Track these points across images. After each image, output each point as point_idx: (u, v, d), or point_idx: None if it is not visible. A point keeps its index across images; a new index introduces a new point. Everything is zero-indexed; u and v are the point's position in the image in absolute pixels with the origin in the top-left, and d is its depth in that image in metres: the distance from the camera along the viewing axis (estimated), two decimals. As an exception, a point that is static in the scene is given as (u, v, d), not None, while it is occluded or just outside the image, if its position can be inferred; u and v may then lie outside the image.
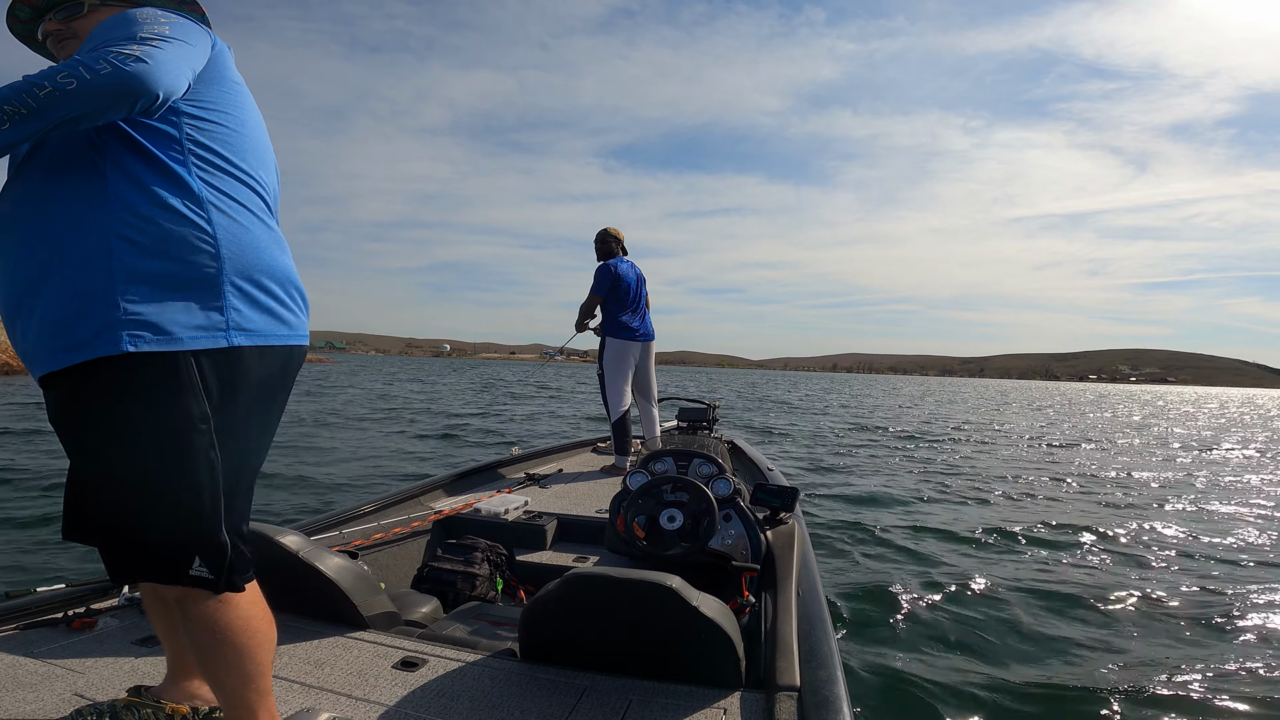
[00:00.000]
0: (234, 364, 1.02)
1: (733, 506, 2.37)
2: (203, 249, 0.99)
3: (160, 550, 0.99)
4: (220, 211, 1.03)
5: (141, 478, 0.97)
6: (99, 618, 1.73)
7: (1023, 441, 13.98)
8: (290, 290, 1.13)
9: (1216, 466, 10.81)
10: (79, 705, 1.29)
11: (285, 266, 1.13)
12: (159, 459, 0.96)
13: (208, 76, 1.08)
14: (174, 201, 0.99)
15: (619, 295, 4.47)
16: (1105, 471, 9.73)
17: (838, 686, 1.37)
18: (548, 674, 1.53)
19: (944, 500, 6.98)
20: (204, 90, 1.07)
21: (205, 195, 1.02)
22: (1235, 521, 6.36)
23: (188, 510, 0.99)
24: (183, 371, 0.97)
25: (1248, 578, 4.48)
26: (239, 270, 1.03)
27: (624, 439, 4.43)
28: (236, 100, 1.12)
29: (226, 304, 1.01)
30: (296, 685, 1.45)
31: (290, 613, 1.74)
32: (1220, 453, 13.11)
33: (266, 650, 1.12)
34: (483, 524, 2.91)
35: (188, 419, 0.97)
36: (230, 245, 1.02)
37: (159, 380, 0.95)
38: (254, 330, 1.05)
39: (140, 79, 0.91)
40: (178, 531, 0.99)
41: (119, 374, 0.94)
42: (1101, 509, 6.80)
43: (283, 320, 1.11)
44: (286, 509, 5.58)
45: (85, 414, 0.96)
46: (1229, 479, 9.33)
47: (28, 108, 0.85)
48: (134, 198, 0.97)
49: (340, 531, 2.53)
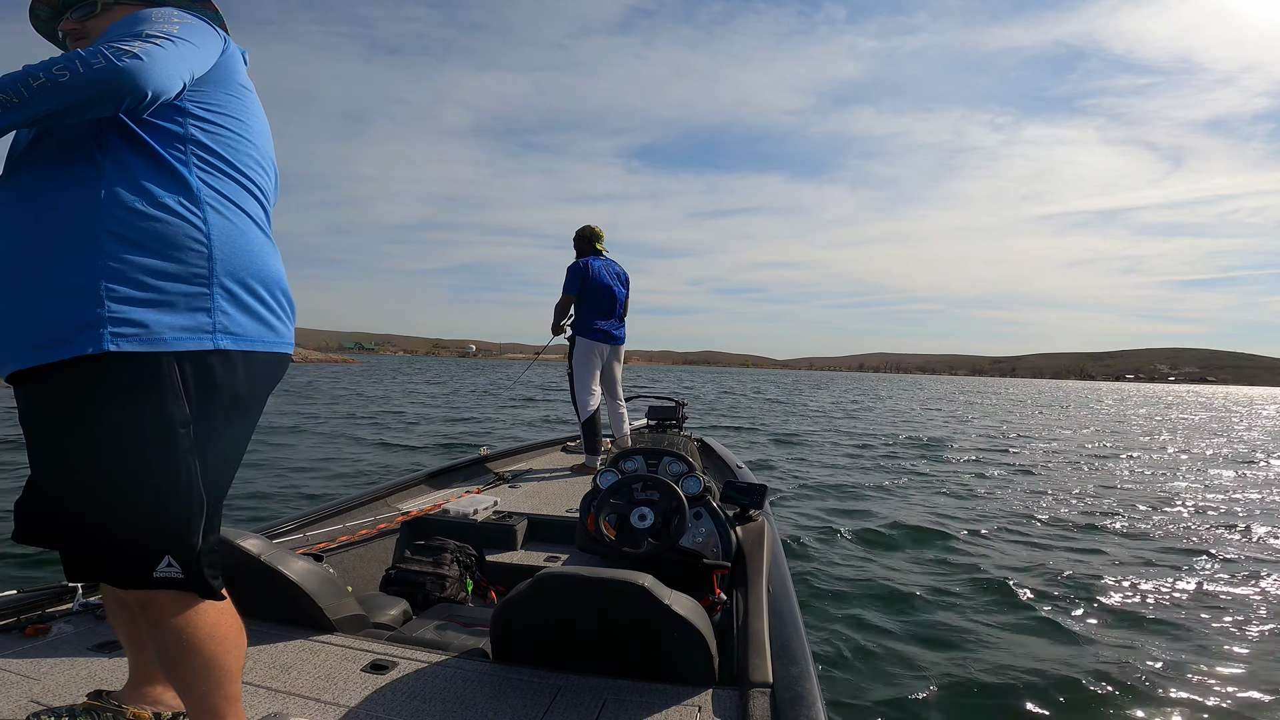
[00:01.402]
0: (217, 367, 1.00)
1: (703, 504, 2.39)
2: (194, 248, 0.98)
3: (128, 551, 0.97)
4: (216, 212, 1.02)
5: (118, 478, 0.95)
6: (53, 623, 1.67)
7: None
8: (280, 297, 1.12)
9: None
10: (35, 710, 1.25)
11: (278, 273, 1.12)
12: (136, 460, 0.95)
13: (216, 79, 1.07)
14: (169, 199, 0.98)
15: (590, 294, 4.45)
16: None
17: (810, 682, 1.40)
18: (521, 674, 1.52)
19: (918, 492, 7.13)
20: (212, 93, 1.07)
21: (203, 195, 1.01)
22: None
23: (163, 513, 0.98)
24: (164, 373, 0.95)
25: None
26: (230, 273, 1.02)
27: (594, 438, 4.43)
28: (244, 106, 1.12)
29: (215, 306, 1.00)
30: (263, 690, 1.43)
31: (254, 618, 1.71)
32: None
33: (235, 656, 1.10)
34: (452, 525, 2.88)
35: (167, 421, 0.96)
36: (223, 247, 1.01)
37: (140, 380, 0.94)
38: (240, 335, 1.03)
39: (131, 75, 0.90)
40: (150, 533, 0.98)
41: (99, 373, 0.92)
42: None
43: (270, 326, 1.10)
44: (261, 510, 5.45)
45: (61, 412, 0.93)
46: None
47: (20, 96, 0.85)
48: (128, 193, 0.95)
49: (304, 534, 2.48)
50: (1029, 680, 2.87)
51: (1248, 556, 5.03)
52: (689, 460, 2.78)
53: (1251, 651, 3.30)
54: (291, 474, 7.20)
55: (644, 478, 2.39)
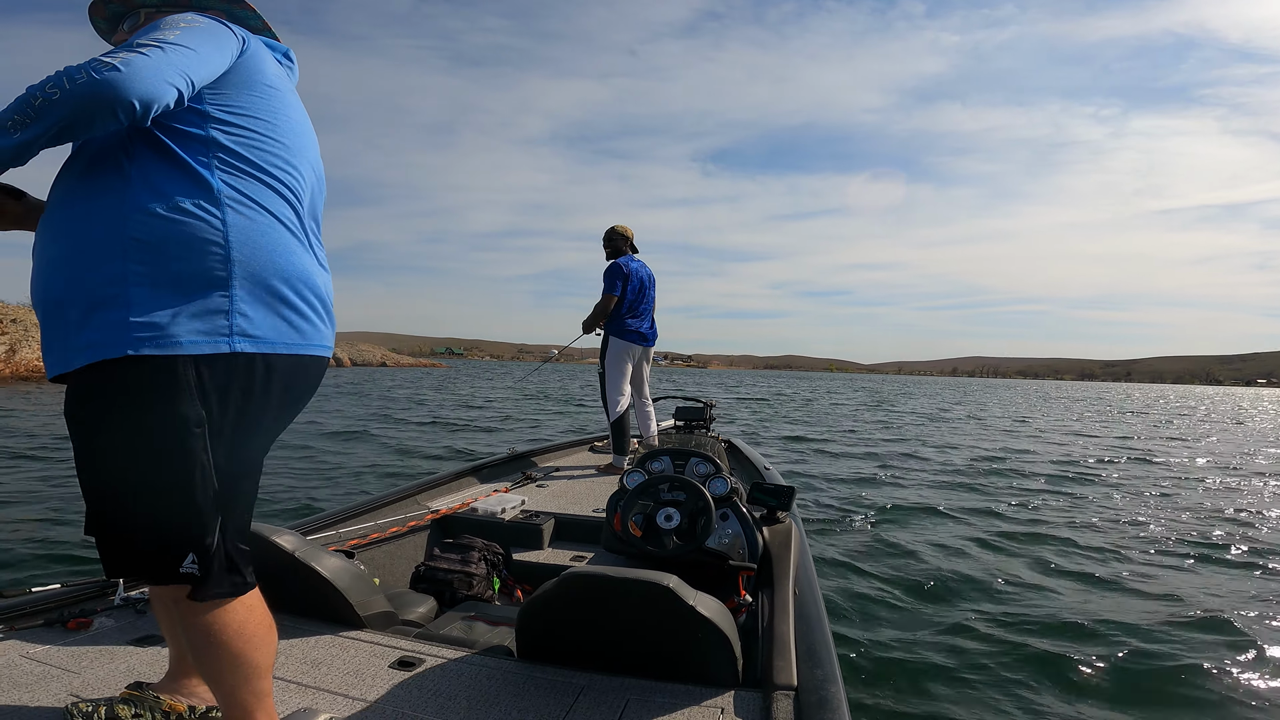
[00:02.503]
0: (236, 370, 1.01)
1: (730, 505, 2.37)
2: (213, 250, 0.99)
3: (150, 548, 1.00)
4: (237, 213, 1.02)
5: (135, 477, 0.98)
6: (95, 618, 1.72)
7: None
8: (310, 299, 1.12)
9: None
10: (74, 700, 1.29)
11: (307, 274, 1.11)
12: (152, 460, 0.97)
13: (239, 81, 1.07)
14: (187, 202, 0.99)
15: (625, 294, 4.45)
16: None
17: (835, 686, 1.38)
18: (545, 673, 1.53)
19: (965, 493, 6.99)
20: (235, 95, 1.07)
21: (224, 196, 1.01)
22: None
23: (178, 511, 1.00)
24: (180, 375, 0.97)
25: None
26: (251, 274, 1.02)
27: (622, 438, 4.43)
28: (270, 105, 1.11)
29: (233, 308, 1.00)
30: (293, 685, 1.45)
31: (286, 612, 1.74)
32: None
33: (264, 653, 1.12)
34: (480, 523, 2.91)
35: (182, 422, 0.98)
36: (243, 247, 1.01)
37: (156, 383, 0.96)
38: (260, 337, 1.03)
39: (110, 86, 0.90)
40: (168, 531, 1.00)
41: (120, 376, 0.95)
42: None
43: (296, 328, 1.09)
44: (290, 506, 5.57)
45: (89, 413, 0.97)
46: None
47: (28, 116, 0.88)
48: (150, 199, 0.98)
49: (337, 531, 2.52)
50: (1065, 688, 2.79)
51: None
52: (716, 461, 2.76)
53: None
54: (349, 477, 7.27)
55: (671, 478, 2.38)
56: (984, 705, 2.68)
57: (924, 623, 3.53)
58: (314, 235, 1.18)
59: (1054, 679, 2.91)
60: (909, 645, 3.21)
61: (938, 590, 4.04)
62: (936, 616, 3.63)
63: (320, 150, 1.25)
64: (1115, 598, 4.02)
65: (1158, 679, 2.94)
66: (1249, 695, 2.81)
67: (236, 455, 1.06)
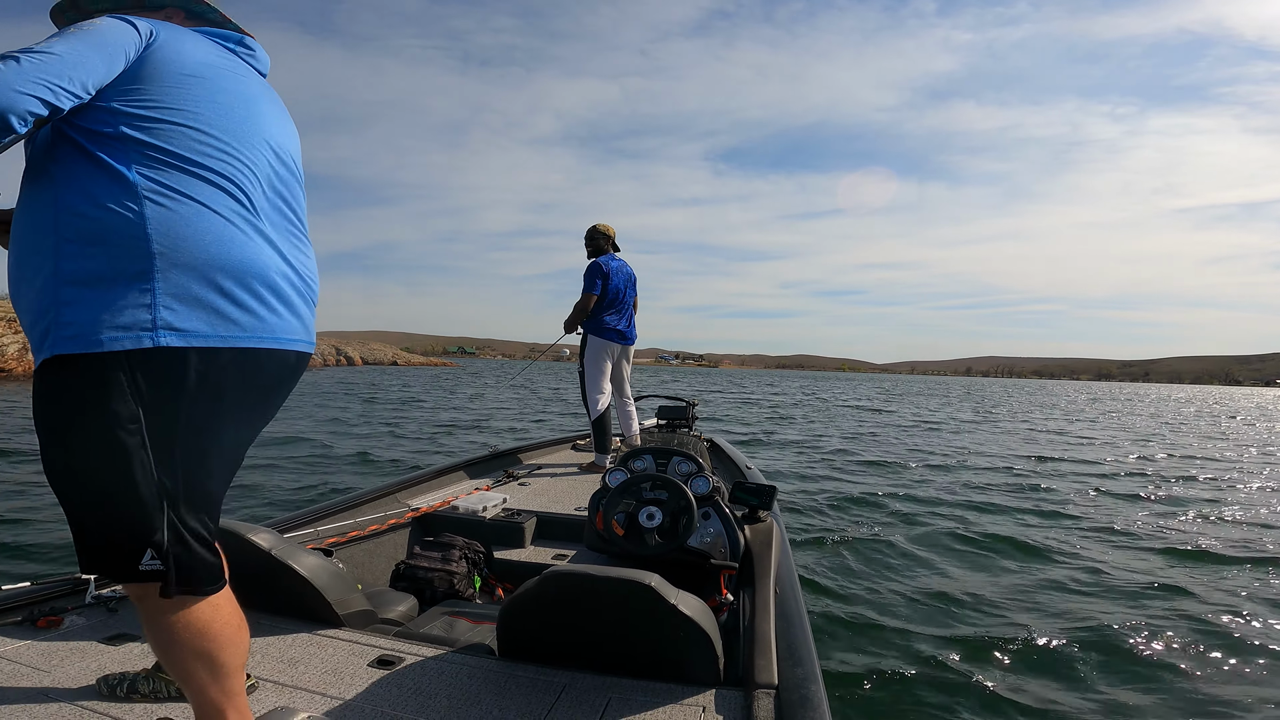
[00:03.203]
0: (165, 365, 0.99)
1: (711, 504, 2.38)
2: (132, 244, 0.98)
3: (99, 545, 1.01)
4: (156, 205, 1.00)
5: (79, 476, 0.99)
6: (65, 616, 1.69)
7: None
8: (256, 288, 1.07)
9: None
10: (47, 704, 1.28)
11: (250, 262, 1.07)
12: (88, 457, 0.98)
13: (148, 75, 1.05)
14: (106, 199, 0.98)
15: (604, 293, 4.46)
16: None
17: (816, 684, 1.39)
18: (526, 672, 1.52)
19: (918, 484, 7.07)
20: (147, 89, 1.04)
21: (142, 190, 0.99)
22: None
23: (121, 508, 0.99)
24: (108, 372, 0.96)
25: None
26: (177, 265, 1.00)
27: (604, 436, 4.43)
28: (190, 95, 1.08)
29: (157, 302, 0.98)
30: (270, 684, 1.43)
31: (263, 611, 1.72)
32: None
33: (231, 653, 1.11)
34: (461, 521, 2.89)
35: (114, 419, 0.97)
36: (165, 239, 0.99)
37: (86, 381, 0.96)
38: (188, 331, 1.00)
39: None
40: (115, 528, 1.00)
41: (54, 376, 0.97)
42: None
43: (233, 320, 1.05)
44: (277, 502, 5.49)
45: (38, 414, 0.99)
46: None
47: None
48: (74, 200, 0.98)
49: (315, 529, 2.49)
50: (1043, 687, 2.84)
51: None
52: (698, 460, 2.78)
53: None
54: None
55: (653, 477, 2.38)
56: (964, 702, 2.72)
57: (905, 621, 3.57)
58: (273, 220, 1.14)
59: (1036, 674, 2.96)
60: (888, 644, 3.25)
61: (919, 590, 4.09)
62: (917, 614, 3.68)
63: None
64: (1104, 594, 4.11)
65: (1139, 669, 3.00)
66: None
67: (191, 451, 1.04)
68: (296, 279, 1.16)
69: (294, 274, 1.15)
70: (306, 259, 1.21)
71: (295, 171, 1.23)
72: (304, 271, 1.19)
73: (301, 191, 1.25)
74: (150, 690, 1.36)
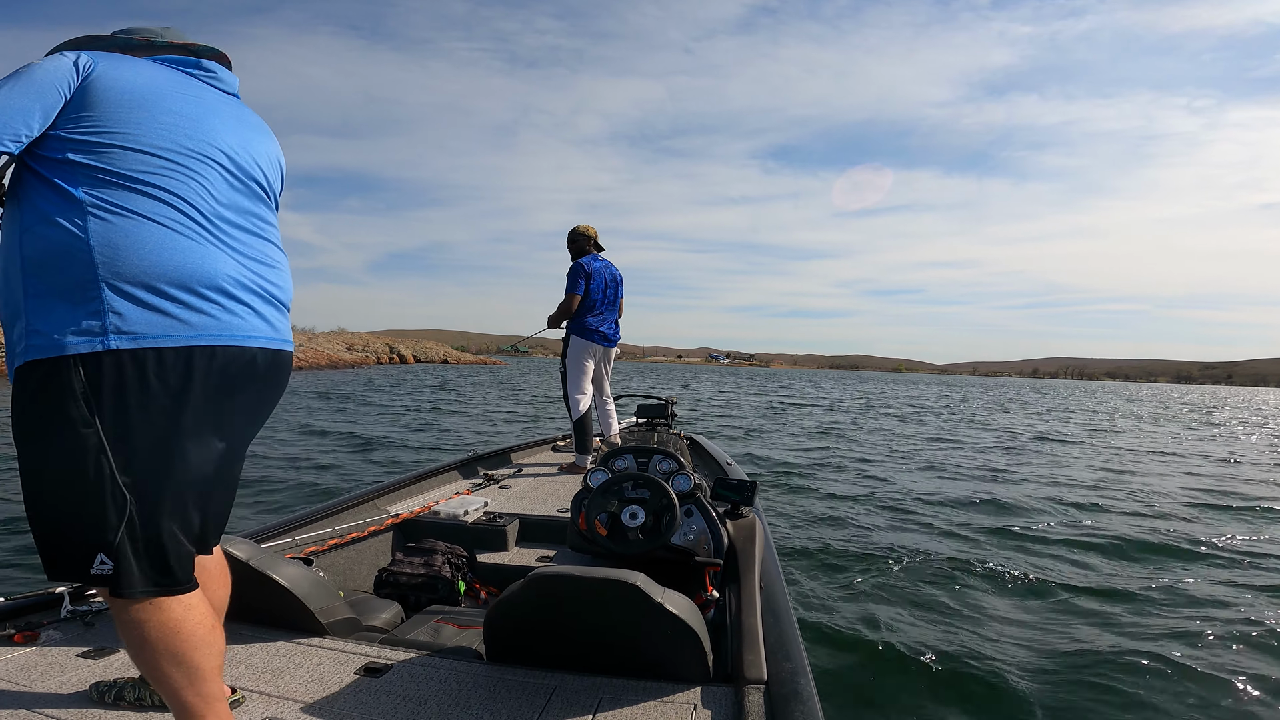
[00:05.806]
0: (118, 367, 1.04)
1: (693, 502, 2.40)
2: (79, 256, 1.04)
3: (54, 545, 1.06)
4: (98, 219, 1.06)
5: (40, 478, 1.06)
6: (41, 630, 1.66)
7: None
8: (203, 292, 1.12)
9: None
10: (27, 717, 1.26)
11: (194, 267, 1.11)
12: (48, 459, 1.05)
13: (88, 102, 1.10)
14: (58, 217, 1.06)
15: (590, 295, 4.48)
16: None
17: (805, 678, 1.41)
18: (515, 675, 1.53)
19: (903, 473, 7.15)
20: (88, 116, 1.11)
21: (87, 207, 1.06)
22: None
23: (76, 509, 1.04)
24: (66, 376, 1.03)
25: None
26: (119, 274, 1.06)
27: (585, 437, 4.43)
28: (129, 118, 1.13)
29: (105, 308, 1.04)
30: (256, 695, 1.42)
31: (244, 622, 1.70)
32: None
33: (205, 654, 1.13)
34: (442, 526, 2.87)
35: (70, 422, 1.03)
36: (105, 250, 1.05)
37: (47, 386, 1.03)
38: (138, 333, 1.06)
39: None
40: (69, 529, 1.05)
41: (22, 383, 1.05)
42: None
43: (183, 321, 1.09)
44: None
45: (12, 418, 1.07)
46: None
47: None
48: (33, 220, 1.07)
49: (293, 538, 2.46)
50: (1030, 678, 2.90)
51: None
52: (679, 458, 2.79)
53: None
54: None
55: (634, 476, 2.39)
56: (952, 695, 2.77)
57: (893, 613, 3.62)
58: (227, 228, 1.18)
59: (1022, 668, 3.00)
60: (878, 635, 3.30)
61: (907, 579, 4.15)
62: (907, 606, 3.73)
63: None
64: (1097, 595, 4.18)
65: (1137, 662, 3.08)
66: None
67: (155, 452, 1.08)
68: (254, 281, 1.21)
69: (252, 276, 1.20)
70: (269, 262, 1.26)
71: (259, 179, 1.28)
72: (264, 274, 1.24)
73: (267, 198, 1.31)
74: (135, 699, 1.36)
